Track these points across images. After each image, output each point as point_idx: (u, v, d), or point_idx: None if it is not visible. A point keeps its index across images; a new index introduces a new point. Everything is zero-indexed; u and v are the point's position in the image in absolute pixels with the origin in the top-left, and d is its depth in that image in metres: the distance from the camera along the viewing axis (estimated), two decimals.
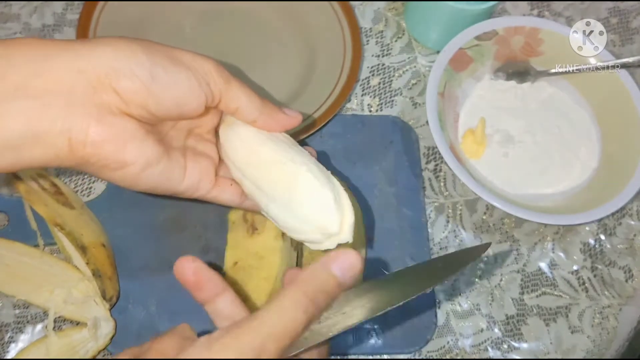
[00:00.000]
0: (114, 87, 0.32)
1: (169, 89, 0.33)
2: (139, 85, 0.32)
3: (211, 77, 0.35)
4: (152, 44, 0.34)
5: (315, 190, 0.35)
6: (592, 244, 0.54)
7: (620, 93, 0.53)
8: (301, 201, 0.35)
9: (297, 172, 0.36)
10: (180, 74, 0.34)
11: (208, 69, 0.35)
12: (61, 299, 0.45)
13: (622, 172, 0.51)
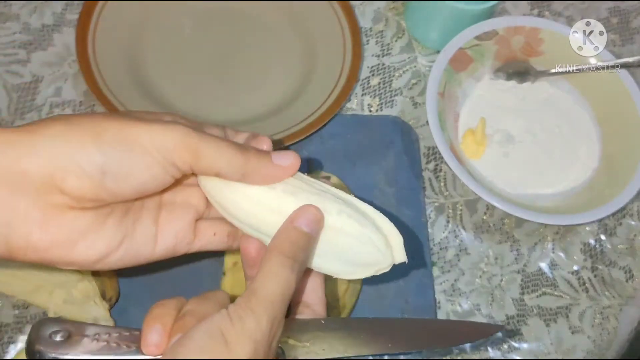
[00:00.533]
0: (61, 188, 0.29)
1: (125, 182, 0.30)
2: (88, 184, 0.29)
3: (176, 155, 0.30)
4: (105, 124, 0.30)
5: (356, 234, 0.32)
6: (592, 244, 0.54)
7: (620, 93, 0.53)
8: (344, 249, 0.33)
9: (329, 219, 0.33)
10: (138, 162, 0.30)
11: (172, 146, 0.30)
12: (61, 299, 0.45)
13: (622, 172, 0.51)
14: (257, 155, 0.33)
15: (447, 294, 0.51)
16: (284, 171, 0.33)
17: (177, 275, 0.48)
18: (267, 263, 0.30)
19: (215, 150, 0.31)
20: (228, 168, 0.32)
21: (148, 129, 0.30)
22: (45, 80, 0.56)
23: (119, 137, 0.29)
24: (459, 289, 0.51)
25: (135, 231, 0.33)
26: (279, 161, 0.33)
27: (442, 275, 0.52)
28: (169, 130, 0.30)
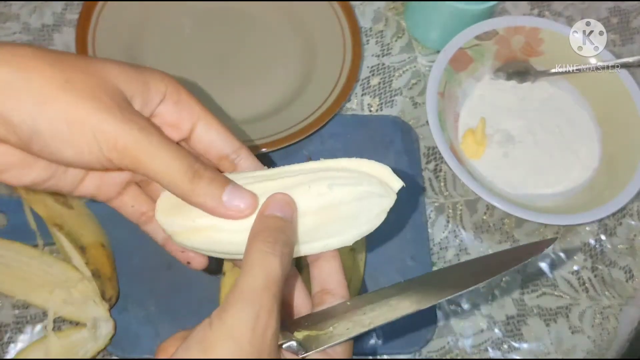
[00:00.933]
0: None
1: (52, 155, 0.28)
2: (14, 138, 0.28)
3: (116, 155, 0.28)
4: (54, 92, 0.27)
5: (355, 196, 0.31)
6: (592, 244, 0.54)
7: (620, 93, 0.53)
8: (350, 215, 0.32)
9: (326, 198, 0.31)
10: (72, 143, 0.28)
11: (114, 146, 0.28)
12: (60, 299, 0.45)
13: (622, 172, 0.51)
14: (209, 185, 0.30)
15: None
16: (232, 215, 0.30)
17: (177, 275, 0.48)
18: (247, 253, 0.28)
19: (160, 165, 0.29)
20: (169, 187, 0.30)
21: (99, 119, 0.28)
22: None
23: (63, 116, 0.27)
24: None
25: (65, 173, 0.32)
26: (230, 202, 0.30)
27: None
28: (121, 129, 0.28)
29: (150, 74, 0.32)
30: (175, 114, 0.33)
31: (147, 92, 0.31)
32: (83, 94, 0.28)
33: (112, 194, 0.35)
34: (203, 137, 0.34)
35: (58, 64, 0.28)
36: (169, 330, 0.47)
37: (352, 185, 0.31)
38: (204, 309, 0.46)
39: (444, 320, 0.50)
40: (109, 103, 0.28)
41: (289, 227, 0.30)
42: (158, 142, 0.29)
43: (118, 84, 0.30)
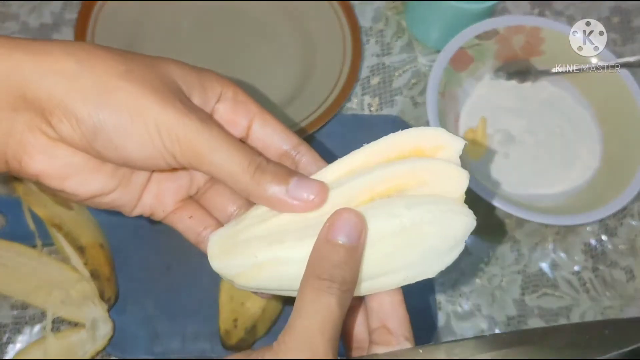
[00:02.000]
0: (55, 127, 0.27)
1: (116, 151, 0.28)
2: (78, 137, 0.27)
3: (178, 149, 0.28)
4: (118, 83, 0.27)
5: (437, 215, 0.28)
6: (593, 245, 0.54)
7: (621, 93, 0.53)
8: (432, 239, 0.28)
9: (403, 221, 0.27)
10: (135, 138, 0.27)
11: (177, 139, 0.28)
12: (59, 300, 0.45)
13: (623, 172, 0.51)
14: (272, 179, 0.28)
15: (447, 294, 0.51)
16: (301, 206, 0.28)
17: (176, 276, 0.48)
18: (301, 290, 0.26)
19: (222, 159, 0.28)
20: (231, 182, 0.29)
21: (161, 109, 0.27)
22: None
23: (126, 105, 0.27)
24: (460, 290, 0.51)
25: (130, 182, 0.31)
26: (297, 193, 0.28)
27: (442, 275, 0.51)
28: (182, 119, 0.27)
29: (207, 73, 0.32)
30: (232, 112, 0.32)
31: (204, 90, 0.31)
32: (144, 84, 0.27)
33: (169, 207, 0.33)
34: (260, 134, 0.33)
35: (118, 56, 0.28)
36: (168, 331, 0.46)
37: (433, 203, 0.27)
38: (203, 310, 0.46)
39: (445, 321, 0.50)
40: (169, 95, 0.28)
41: (354, 258, 0.27)
42: (219, 135, 0.28)
43: (177, 80, 0.29)
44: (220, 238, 0.30)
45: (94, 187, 0.30)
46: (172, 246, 0.49)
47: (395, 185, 0.28)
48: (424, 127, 0.29)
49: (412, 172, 0.28)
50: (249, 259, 0.28)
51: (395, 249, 0.27)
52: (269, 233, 0.28)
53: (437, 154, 0.29)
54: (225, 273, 0.29)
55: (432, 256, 0.28)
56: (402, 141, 0.29)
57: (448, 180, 0.28)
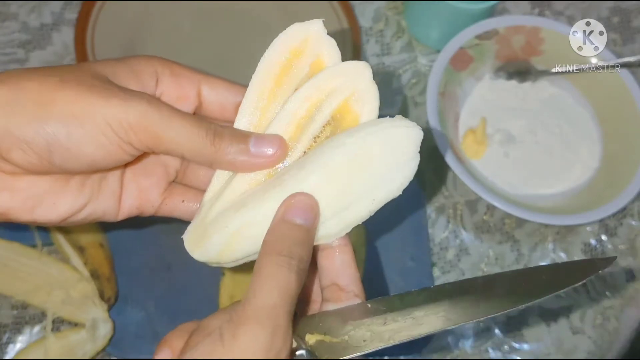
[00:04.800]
0: (8, 159, 0.27)
1: (76, 159, 0.27)
2: (36, 159, 0.27)
3: (133, 135, 0.28)
4: (56, 94, 0.27)
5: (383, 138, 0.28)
6: (593, 245, 0.54)
7: (621, 92, 0.53)
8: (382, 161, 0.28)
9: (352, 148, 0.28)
10: (89, 140, 0.27)
11: (128, 126, 0.27)
12: (59, 300, 0.45)
13: (623, 172, 0.51)
14: (231, 142, 0.29)
15: None
16: (265, 162, 0.29)
17: (176, 275, 0.48)
18: (260, 265, 0.27)
19: (178, 134, 0.28)
20: (193, 155, 0.29)
21: (104, 104, 0.27)
22: None
23: (69, 111, 0.26)
24: None
25: (100, 191, 0.31)
26: (259, 149, 0.29)
27: (442, 275, 0.52)
28: (128, 107, 0.27)
29: (135, 60, 0.31)
30: (176, 87, 0.32)
31: (138, 77, 0.30)
32: (81, 87, 0.27)
33: (156, 201, 0.33)
34: (212, 97, 0.32)
35: (48, 70, 0.28)
36: (167, 331, 0.46)
37: (373, 124, 0.29)
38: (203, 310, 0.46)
39: None
40: (108, 88, 0.28)
41: (309, 237, 0.28)
42: (169, 112, 0.28)
43: (108, 76, 0.29)
44: (190, 232, 0.31)
45: (64, 208, 0.29)
46: (172, 246, 0.49)
47: (311, 105, 0.30)
48: (284, 32, 0.31)
49: (317, 87, 0.30)
50: (222, 232, 0.29)
51: (351, 178, 0.28)
52: (230, 204, 0.29)
53: (309, 46, 0.31)
54: (210, 258, 0.30)
55: (389, 174, 0.29)
56: (276, 56, 0.31)
57: (352, 76, 0.30)
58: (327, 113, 0.30)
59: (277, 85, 0.31)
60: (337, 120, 0.30)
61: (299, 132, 0.29)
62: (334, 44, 0.30)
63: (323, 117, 0.30)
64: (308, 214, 0.28)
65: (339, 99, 0.30)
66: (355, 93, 0.30)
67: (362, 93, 0.30)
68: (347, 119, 0.30)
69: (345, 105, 0.30)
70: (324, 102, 0.30)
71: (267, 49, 0.32)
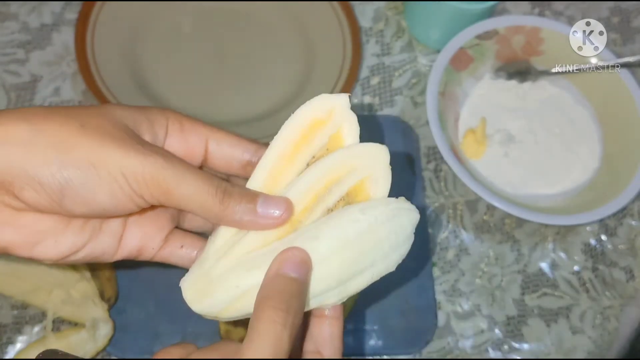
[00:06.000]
0: (18, 196, 0.27)
1: (86, 206, 0.28)
2: (46, 200, 0.27)
3: (145, 189, 0.28)
4: (75, 140, 0.27)
5: (388, 214, 0.30)
6: (593, 245, 0.54)
7: (621, 93, 0.53)
8: (388, 237, 0.30)
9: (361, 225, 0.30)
10: (103, 189, 0.28)
11: (142, 179, 0.28)
12: (59, 300, 0.45)
13: (623, 172, 0.51)
14: (240, 201, 0.29)
15: (447, 294, 0.51)
16: (270, 223, 0.30)
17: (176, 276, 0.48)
18: (256, 320, 0.27)
19: (189, 191, 0.29)
20: (202, 211, 0.29)
21: (122, 155, 0.28)
22: (44, 79, 0.56)
23: (87, 159, 0.27)
24: (460, 290, 0.51)
25: (101, 231, 0.31)
26: (265, 211, 0.29)
27: (442, 275, 0.52)
28: (145, 160, 0.28)
29: (150, 110, 0.32)
30: (184, 142, 0.32)
31: (152, 126, 0.31)
32: (101, 135, 0.28)
33: (157, 245, 0.33)
34: (218, 153, 0.33)
35: (69, 112, 0.29)
36: (168, 331, 0.46)
37: (384, 205, 0.30)
38: None
39: (445, 320, 0.50)
40: (127, 140, 0.28)
41: (303, 292, 0.28)
42: (182, 168, 0.29)
43: (127, 123, 0.30)
44: (193, 281, 0.31)
45: (65, 246, 0.30)
46: None
47: (331, 179, 0.31)
48: (310, 101, 0.32)
49: (339, 165, 0.31)
50: (231, 290, 0.29)
51: (358, 252, 0.30)
52: (240, 262, 0.30)
53: (333, 118, 0.32)
54: (209, 312, 0.31)
55: (390, 252, 0.31)
56: (299, 124, 0.32)
57: (372, 159, 0.31)
58: (344, 189, 0.31)
59: (296, 151, 0.32)
60: (351, 196, 0.31)
61: (314, 202, 0.31)
62: (356, 119, 0.32)
63: (340, 192, 0.31)
64: (302, 268, 0.28)
65: (357, 178, 0.31)
66: (373, 175, 0.31)
67: (378, 176, 0.31)
68: (360, 196, 0.31)
69: (361, 184, 0.31)
70: (343, 179, 0.31)
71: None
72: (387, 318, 0.48)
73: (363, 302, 0.48)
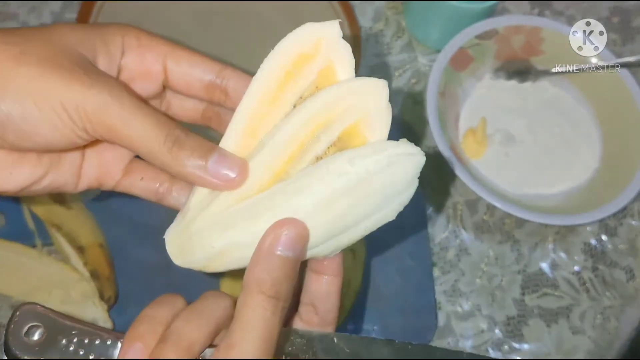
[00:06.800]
0: None
1: (29, 139, 0.26)
2: None
3: (89, 125, 0.26)
4: (17, 70, 0.25)
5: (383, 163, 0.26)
6: (593, 245, 0.54)
7: (621, 92, 0.53)
8: (383, 188, 0.27)
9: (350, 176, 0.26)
10: (44, 122, 0.26)
11: (85, 115, 0.26)
12: (59, 300, 0.45)
13: (623, 172, 0.51)
14: (191, 154, 0.27)
15: (447, 294, 0.51)
16: (221, 185, 0.27)
17: (176, 275, 0.48)
18: (245, 307, 0.25)
19: (135, 133, 0.26)
20: (149, 158, 0.27)
21: (64, 86, 0.25)
22: None
23: (27, 90, 0.25)
24: (460, 290, 0.51)
25: (60, 162, 0.30)
26: (217, 170, 0.27)
27: (442, 275, 0.51)
28: (88, 94, 0.25)
29: (106, 27, 0.29)
30: (140, 60, 0.30)
31: (107, 48, 0.29)
32: (42, 63, 0.26)
33: (117, 175, 0.32)
34: (178, 73, 0.30)
35: (10, 36, 0.26)
36: None
37: (377, 152, 0.26)
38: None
39: (445, 320, 0.50)
40: (72, 69, 0.26)
41: (297, 269, 0.26)
42: (131, 106, 0.26)
43: (78, 48, 0.27)
44: (174, 235, 0.30)
45: (22, 177, 0.28)
46: None
47: (317, 125, 0.27)
48: (293, 32, 0.28)
49: (329, 105, 0.27)
50: (208, 250, 0.28)
51: (349, 207, 0.27)
52: (217, 219, 0.28)
53: (321, 51, 0.28)
54: (192, 267, 0.29)
55: (387, 202, 0.27)
56: (282, 60, 0.28)
57: (367, 96, 0.27)
58: (334, 134, 0.27)
59: (280, 91, 0.28)
60: (344, 141, 0.28)
61: (300, 150, 0.28)
62: (350, 50, 0.28)
63: (330, 138, 0.27)
64: (298, 244, 0.26)
65: (350, 121, 0.27)
66: (368, 117, 0.28)
67: (375, 117, 0.28)
68: (355, 141, 0.28)
69: (355, 127, 0.28)
70: (333, 122, 0.27)
71: (273, 47, 0.29)
72: (387, 318, 0.48)
73: (363, 302, 0.48)
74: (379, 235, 0.51)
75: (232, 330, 0.25)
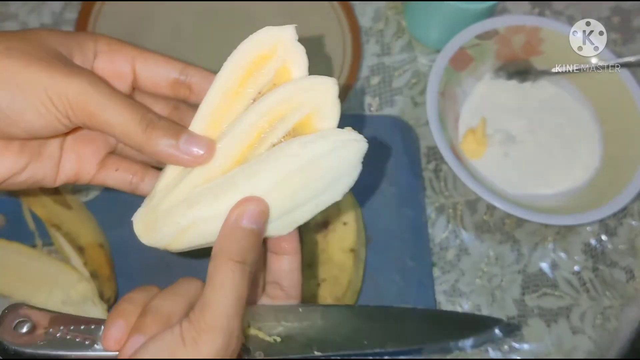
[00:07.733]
0: None
1: (16, 126, 0.29)
2: None
3: (70, 110, 0.29)
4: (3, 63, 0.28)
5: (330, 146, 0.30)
6: (593, 245, 0.54)
7: (621, 92, 0.53)
8: (330, 169, 0.30)
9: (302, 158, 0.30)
10: (30, 109, 0.28)
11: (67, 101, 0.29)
12: (59, 300, 0.45)
13: (623, 172, 0.51)
14: (164, 134, 0.30)
15: (447, 294, 0.51)
16: (190, 161, 0.30)
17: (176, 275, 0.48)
18: (215, 271, 0.28)
19: (112, 116, 0.29)
20: (124, 138, 0.30)
21: (47, 76, 0.28)
22: None
23: (13, 80, 0.28)
24: (460, 290, 0.51)
25: (40, 156, 0.32)
26: (187, 148, 0.30)
27: (442, 275, 0.51)
28: (69, 82, 0.28)
29: (81, 34, 0.33)
30: (110, 63, 0.33)
31: (81, 50, 0.32)
32: (27, 57, 0.28)
33: (92, 169, 0.35)
34: (146, 73, 0.34)
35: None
36: None
37: (325, 137, 0.30)
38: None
39: None
40: (53, 62, 0.29)
41: (260, 241, 0.30)
42: (107, 92, 0.29)
43: (56, 46, 0.30)
44: (142, 216, 0.32)
45: (5, 168, 0.30)
46: None
47: (274, 116, 0.31)
48: (252, 36, 0.32)
49: (284, 100, 0.31)
50: (173, 226, 0.31)
51: (300, 185, 0.30)
52: (183, 198, 0.31)
53: (277, 52, 0.32)
54: (158, 246, 0.32)
55: (334, 183, 0.31)
56: (242, 61, 0.32)
57: (318, 93, 0.31)
58: (289, 125, 0.31)
59: (241, 87, 0.32)
60: (297, 131, 0.31)
61: (258, 138, 0.31)
62: (304, 52, 0.31)
63: (285, 128, 0.31)
64: (260, 218, 0.29)
65: (303, 113, 0.31)
66: (319, 110, 0.31)
67: (325, 110, 0.31)
68: (306, 131, 0.31)
69: (308, 119, 0.31)
70: (288, 115, 0.31)
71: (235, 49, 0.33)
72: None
73: (363, 302, 0.48)
74: (379, 235, 0.51)
75: (205, 292, 0.28)
